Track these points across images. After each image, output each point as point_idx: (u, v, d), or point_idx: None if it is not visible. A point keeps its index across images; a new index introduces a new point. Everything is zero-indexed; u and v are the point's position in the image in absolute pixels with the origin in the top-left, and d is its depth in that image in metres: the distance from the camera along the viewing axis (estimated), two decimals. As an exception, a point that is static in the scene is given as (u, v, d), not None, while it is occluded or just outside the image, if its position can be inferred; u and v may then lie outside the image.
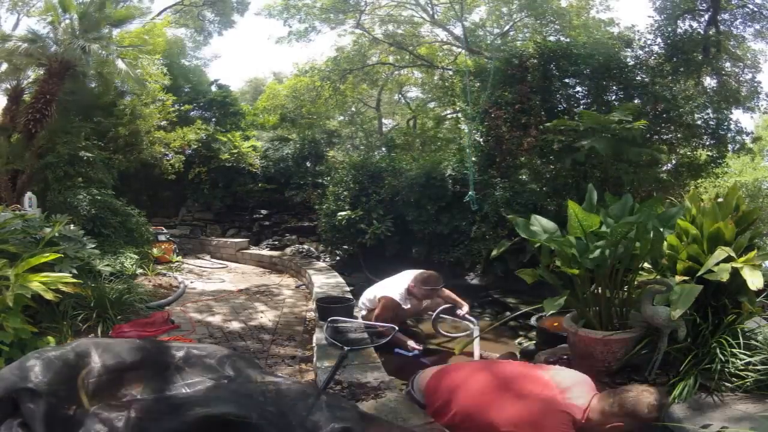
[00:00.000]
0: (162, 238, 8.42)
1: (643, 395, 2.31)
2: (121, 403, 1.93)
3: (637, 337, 3.13)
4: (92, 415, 1.76)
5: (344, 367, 3.09)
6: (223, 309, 5.26)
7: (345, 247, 8.05)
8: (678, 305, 2.79)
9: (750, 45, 9.29)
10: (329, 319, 3.89)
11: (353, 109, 17.06)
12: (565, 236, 3.26)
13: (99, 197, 6.73)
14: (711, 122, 7.12)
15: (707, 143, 7.24)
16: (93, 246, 4.80)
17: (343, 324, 3.87)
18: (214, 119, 12.80)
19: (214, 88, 13.39)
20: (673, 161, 7.49)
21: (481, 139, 7.78)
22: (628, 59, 7.30)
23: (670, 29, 7.48)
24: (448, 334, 4.66)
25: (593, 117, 5.65)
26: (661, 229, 2.99)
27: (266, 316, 5.00)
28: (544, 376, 2.49)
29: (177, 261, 8.14)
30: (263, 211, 10.86)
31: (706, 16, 7.96)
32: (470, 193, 6.91)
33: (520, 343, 4.66)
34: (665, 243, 3.25)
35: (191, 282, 6.69)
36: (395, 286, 4.51)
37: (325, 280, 6.15)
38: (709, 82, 8.17)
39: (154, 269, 6.89)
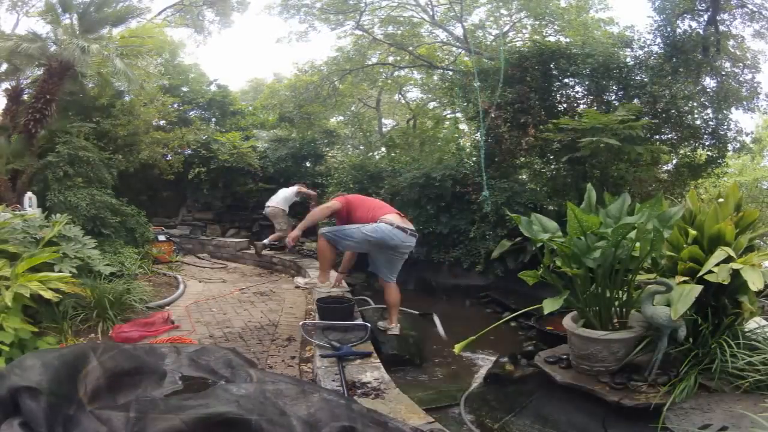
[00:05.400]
0: (162, 238, 8.42)
1: None
2: (120, 403, 1.93)
3: (637, 337, 3.13)
4: (92, 415, 1.76)
5: (344, 366, 3.09)
6: (222, 309, 5.26)
7: (345, 247, 8.06)
8: (678, 305, 2.80)
9: (749, 45, 9.29)
10: (301, 324, 3.95)
11: (353, 109, 17.06)
12: (566, 236, 3.26)
13: (99, 197, 6.73)
14: (711, 122, 7.12)
15: (707, 143, 7.24)
16: (93, 246, 4.80)
17: (320, 325, 3.88)
18: (213, 119, 12.80)
19: (213, 88, 13.39)
20: (673, 161, 7.49)
21: (481, 139, 7.79)
22: (628, 59, 7.30)
23: (669, 29, 7.47)
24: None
25: (596, 116, 5.65)
26: (661, 229, 2.99)
27: (266, 316, 5.00)
28: None
29: (177, 261, 8.13)
30: (263, 211, 10.85)
31: (706, 16, 7.95)
32: (484, 193, 6.83)
33: (521, 343, 4.67)
34: (666, 243, 3.25)
35: (191, 282, 6.68)
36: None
37: (325, 280, 6.14)
38: (709, 82, 8.16)
39: (154, 269, 6.88)
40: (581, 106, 7.01)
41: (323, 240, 4.37)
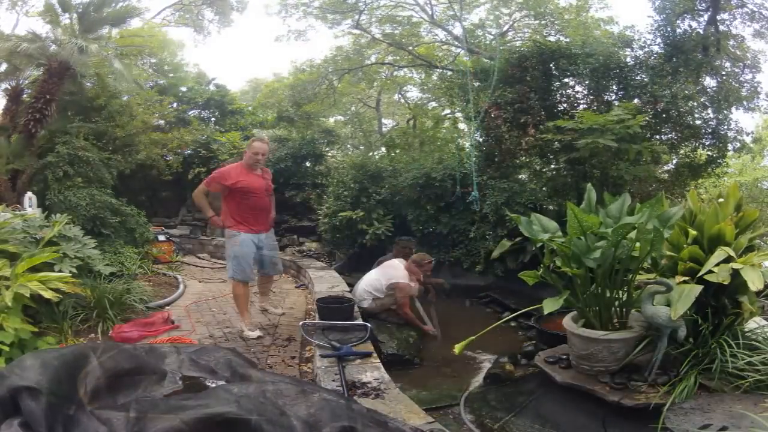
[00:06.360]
0: (162, 238, 8.42)
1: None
2: (120, 403, 1.93)
3: (637, 337, 3.13)
4: (92, 415, 1.76)
5: (344, 366, 3.09)
6: (222, 309, 5.26)
7: (345, 247, 8.06)
8: (678, 305, 2.80)
9: (749, 45, 9.27)
10: (301, 324, 3.98)
11: (353, 109, 17.06)
12: (566, 236, 3.26)
13: (99, 197, 6.73)
14: (711, 122, 7.11)
15: (707, 143, 7.24)
16: (93, 246, 4.80)
17: (320, 325, 3.90)
18: (213, 119, 12.79)
19: (211, 87, 13.38)
20: (673, 161, 7.49)
21: (481, 139, 7.78)
22: (628, 59, 7.29)
23: (669, 29, 7.46)
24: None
25: (593, 117, 5.65)
26: (661, 229, 2.99)
27: (266, 316, 4.99)
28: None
29: (177, 261, 8.13)
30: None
31: (706, 16, 7.94)
32: (473, 193, 6.85)
33: (521, 343, 4.66)
34: (666, 243, 3.25)
35: (191, 282, 6.68)
36: (398, 272, 5.06)
37: (325, 280, 6.15)
38: (709, 81, 8.15)
39: (154, 269, 6.88)
40: (581, 106, 7.00)
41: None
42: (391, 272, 5.08)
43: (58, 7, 7.86)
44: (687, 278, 3.05)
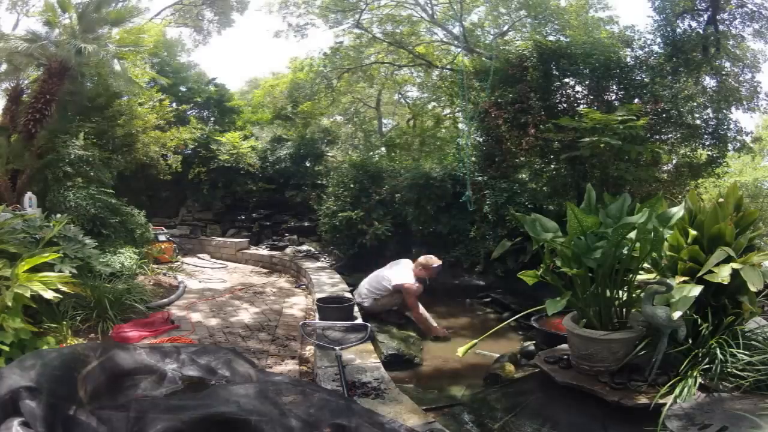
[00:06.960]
0: (162, 238, 8.43)
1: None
2: (120, 403, 1.93)
3: (637, 337, 3.13)
4: (92, 415, 1.76)
5: (344, 366, 3.10)
6: (223, 309, 5.27)
7: (345, 247, 8.06)
8: (678, 305, 2.80)
9: (749, 45, 9.27)
10: (301, 324, 4.00)
11: (352, 109, 17.03)
12: (566, 236, 3.26)
13: (99, 197, 6.73)
14: (711, 122, 7.11)
15: (707, 143, 7.24)
16: (93, 246, 4.80)
17: (320, 325, 3.91)
18: (212, 118, 12.79)
19: (211, 87, 13.39)
20: (673, 161, 7.49)
21: (481, 139, 7.78)
22: (628, 59, 7.28)
23: (669, 29, 7.46)
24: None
25: (597, 116, 5.65)
26: (661, 230, 2.98)
27: (266, 316, 5.00)
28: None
29: (177, 261, 8.14)
30: (263, 211, 10.87)
31: (705, 16, 7.95)
32: (467, 193, 6.89)
33: (521, 343, 4.67)
34: (666, 243, 3.24)
35: (191, 282, 6.69)
36: (404, 274, 5.14)
37: (325, 280, 6.16)
38: (709, 81, 8.15)
39: (154, 269, 6.88)
40: (581, 106, 6.99)
41: None
42: (397, 272, 5.18)
43: (58, 7, 7.85)
44: (687, 278, 3.05)
